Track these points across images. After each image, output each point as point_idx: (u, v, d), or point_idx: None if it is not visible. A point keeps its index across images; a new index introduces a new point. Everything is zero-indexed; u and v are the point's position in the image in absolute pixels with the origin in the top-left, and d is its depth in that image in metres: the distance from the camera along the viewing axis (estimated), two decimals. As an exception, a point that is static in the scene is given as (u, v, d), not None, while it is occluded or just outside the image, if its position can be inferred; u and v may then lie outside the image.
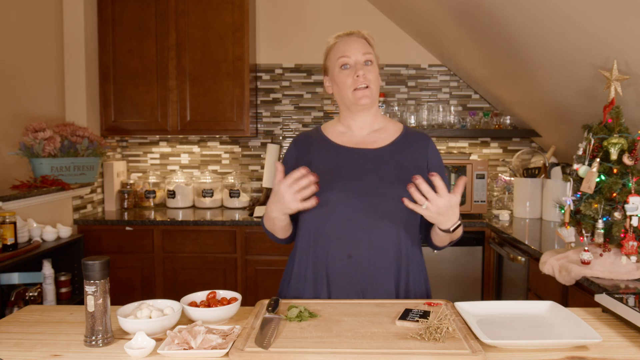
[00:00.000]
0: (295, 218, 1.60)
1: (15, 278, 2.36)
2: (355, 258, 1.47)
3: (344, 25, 1.62)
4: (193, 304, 1.32)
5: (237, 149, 3.87)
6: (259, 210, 3.37)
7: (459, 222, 1.40)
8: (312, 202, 1.38)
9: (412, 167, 1.53)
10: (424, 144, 1.59)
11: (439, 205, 1.30)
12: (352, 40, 1.56)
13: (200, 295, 1.37)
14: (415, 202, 1.32)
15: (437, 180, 1.29)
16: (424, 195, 1.30)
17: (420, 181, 1.29)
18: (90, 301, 1.15)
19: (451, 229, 1.39)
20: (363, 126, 1.60)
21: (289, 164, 1.61)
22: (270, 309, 1.31)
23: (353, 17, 3.71)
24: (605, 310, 1.36)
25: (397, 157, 1.54)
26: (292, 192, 1.35)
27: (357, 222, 1.47)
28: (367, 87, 1.52)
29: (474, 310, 1.33)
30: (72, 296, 2.78)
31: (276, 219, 1.47)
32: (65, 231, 2.75)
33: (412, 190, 1.30)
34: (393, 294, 1.50)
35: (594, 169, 1.84)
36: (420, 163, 1.56)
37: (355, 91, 1.52)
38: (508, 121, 3.64)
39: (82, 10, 3.29)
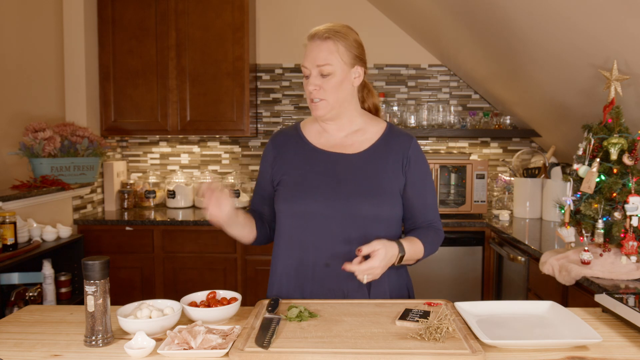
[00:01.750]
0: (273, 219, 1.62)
1: (15, 278, 2.36)
2: (333, 266, 1.46)
3: (344, 25, 1.56)
4: (193, 304, 1.32)
5: (237, 149, 3.87)
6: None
7: (400, 254, 1.43)
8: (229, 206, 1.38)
9: (389, 173, 1.50)
10: (405, 146, 1.53)
11: (375, 266, 1.36)
12: (311, 48, 1.47)
13: (200, 295, 1.37)
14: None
15: (363, 250, 1.36)
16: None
17: (348, 266, 1.36)
18: (90, 301, 1.15)
19: (396, 264, 1.44)
20: (340, 128, 1.55)
21: (267, 164, 1.59)
22: (270, 309, 1.31)
23: (353, 17, 3.71)
24: (605, 310, 1.36)
25: (374, 163, 1.50)
26: (213, 209, 1.37)
27: (334, 234, 1.45)
28: (321, 99, 1.46)
29: (474, 310, 1.33)
30: (72, 296, 2.78)
31: (230, 234, 1.50)
32: (65, 231, 2.75)
33: (354, 270, 1.36)
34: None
35: (594, 169, 1.84)
36: (398, 167, 1.51)
37: (310, 102, 1.49)
38: (508, 121, 3.64)
39: (82, 10, 3.29)
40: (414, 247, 1.46)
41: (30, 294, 2.47)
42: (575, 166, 1.95)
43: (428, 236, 1.52)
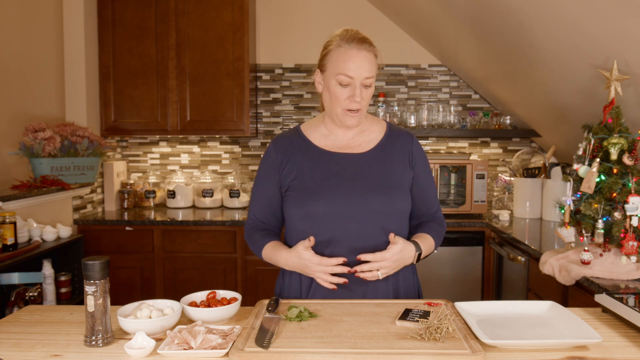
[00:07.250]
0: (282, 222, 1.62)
1: (15, 278, 2.36)
2: (351, 266, 1.46)
3: (344, 25, 1.56)
4: (193, 304, 1.32)
5: (237, 149, 3.87)
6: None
7: (418, 252, 1.48)
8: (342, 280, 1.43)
9: (398, 169, 1.54)
10: (408, 143, 1.58)
11: (392, 260, 1.41)
12: (361, 58, 1.43)
13: (200, 295, 1.37)
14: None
15: (390, 237, 1.43)
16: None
17: (361, 267, 1.41)
18: (90, 301, 1.15)
19: (415, 262, 1.50)
20: (347, 131, 1.56)
21: (272, 170, 1.56)
22: (270, 309, 1.31)
23: (353, 17, 3.71)
24: (605, 310, 1.36)
25: (383, 160, 1.54)
26: (323, 271, 1.41)
27: (351, 233, 1.46)
28: (358, 110, 1.47)
29: (474, 310, 1.34)
30: (72, 296, 2.78)
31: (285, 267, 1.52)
32: (65, 231, 2.75)
33: (361, 272, 1.41)
34: (391, 297, 1.51)
35: (594, 169, 1.84)
36: (405, 163, 1.56)
37: (345, 111, 1.47)
38: (508, 121, 3.64)
39: (82, 10, 3.29)
40: (427, 244, 1.52)
41: (30, 294, 2.47)
42: (575, 166, 1.95)
43: (434, 230, 1.58)
